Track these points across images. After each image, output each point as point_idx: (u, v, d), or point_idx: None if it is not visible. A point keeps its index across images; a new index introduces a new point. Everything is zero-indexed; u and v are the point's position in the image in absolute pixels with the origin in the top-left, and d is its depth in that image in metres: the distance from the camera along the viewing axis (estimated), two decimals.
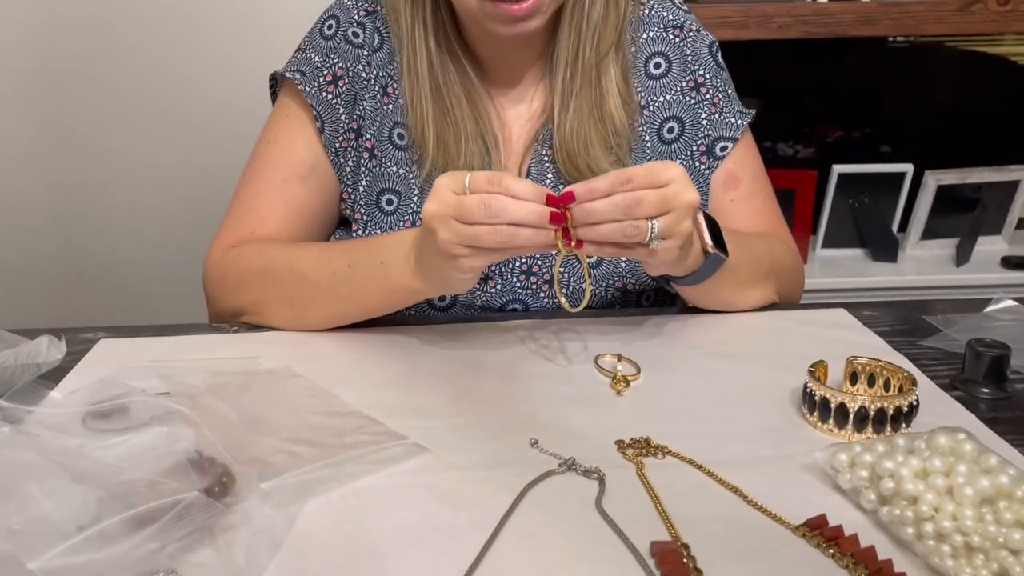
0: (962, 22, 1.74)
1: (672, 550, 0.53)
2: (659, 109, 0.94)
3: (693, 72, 0.95)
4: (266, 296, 0.86)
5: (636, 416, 0.70)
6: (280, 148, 0.93)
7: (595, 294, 0.93)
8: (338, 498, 0.59)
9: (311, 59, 0.92)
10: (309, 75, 0.92)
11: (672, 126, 0.94)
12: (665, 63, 0.94)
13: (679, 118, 0.94)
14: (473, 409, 0.72)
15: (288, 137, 0.93)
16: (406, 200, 0.91)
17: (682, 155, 0.94)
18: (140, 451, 0.61)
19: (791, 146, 2.55)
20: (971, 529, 0.51)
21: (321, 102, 0.91)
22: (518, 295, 0.92)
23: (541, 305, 0.92)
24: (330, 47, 0.92)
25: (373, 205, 0.92)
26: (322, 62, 0.92)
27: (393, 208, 0.92)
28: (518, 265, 0.91)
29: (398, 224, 0.91)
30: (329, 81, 0.91)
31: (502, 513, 0.57)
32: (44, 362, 0.75)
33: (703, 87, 0.95)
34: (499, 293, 0.92)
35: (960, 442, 0.57)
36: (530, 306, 0.92)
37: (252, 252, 0.89)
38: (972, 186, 1.87)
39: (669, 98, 0.94)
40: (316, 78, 0.91)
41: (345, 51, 0.92)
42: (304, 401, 0.71)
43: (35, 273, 1.75)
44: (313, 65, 0.92)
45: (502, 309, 0.92)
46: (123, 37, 1.61)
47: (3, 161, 1.66)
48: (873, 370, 0.72)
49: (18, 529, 0.49)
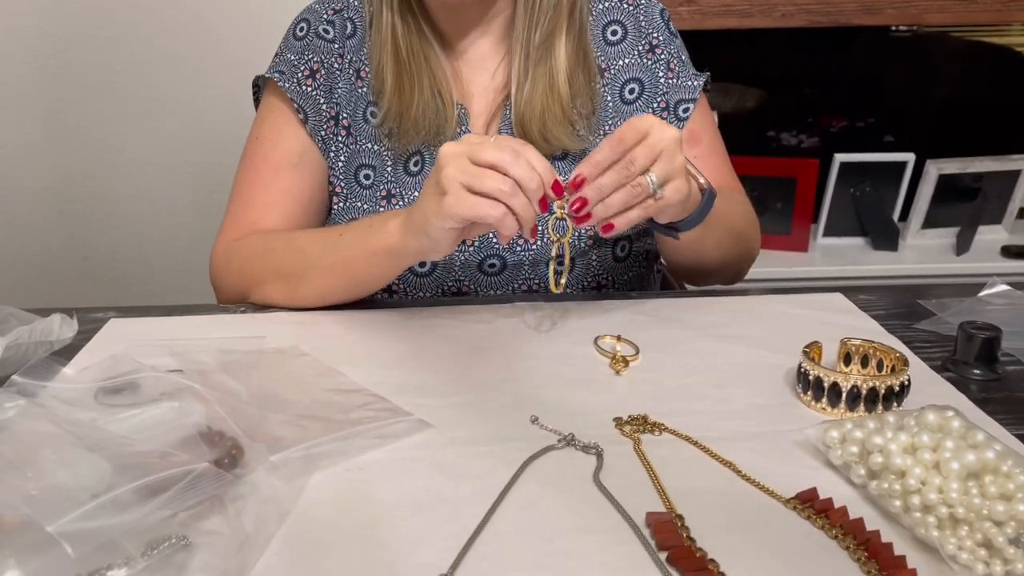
0: (965, 12, 1.75)
1: (667, 521, 0.54)
2: (619, 72, 1.00)
3: (647, 36, 1.01)
4: (265, 274, 0.90)
5: (634, 395, 0.72)
6: (268, 142, 0.98)
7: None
8: (344, 471, 0.61)
9: (288, 59, 0.98)
10: (288, 73, 0.97)
11: (633, 87, 1.00)
12: (621, 30, 1.01)
13: (639, 79, 1.00)
14: (475, 387, 0.73)
15: (274, 130, 0.98)
16: (380, 173, 0.97)
17: (643, 112, 0.98)
18: (151, 424, 0.63)
19: (794, 135, 2.56)
20: (956, 501, 0.52)
21: (302, 96, 0.97)
22: (495, 250, 0.96)
23: (518, 259, 0.97)
24: (303, 45, 0.98)
25: (352, 179, 0.98)
26: (297, 59, 0.98)
27: (370, 182, 0.97)
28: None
29: (375, 196, 0.96)
30: (307, 75, 0.97)
31: (503, 485, 0.59)
32: (56, 339, 0.77)
33: (658, 48, 1.01)
34: (477, 250, 0.96)
35: (948, 419, 0.58)
36: (508, 261, 0.97)
37: (256, 239, 0.94)
38: (973, 175, 1.88)
39: (628, 61, 1.00)
40: (294, 75, 0.97)
41: (318, 46, 0.98)
42: (311, 379, 0.73)
43: (42, 259, 1.77)
44: (290, 64, 0.98)
45: (480, 266, 0.96)
46: (129, 27, 1.62)
47: (10, 149, 1.68)
48: (866, 351, 0.74)
49: (35, 495, 0.51)
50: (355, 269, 0.85)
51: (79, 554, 0.47)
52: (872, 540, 0.52)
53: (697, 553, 0.52)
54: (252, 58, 1.66)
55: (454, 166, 0.71)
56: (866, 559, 0.51)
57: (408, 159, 0.97)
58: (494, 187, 0.69)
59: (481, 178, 0.70)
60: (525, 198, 0.70)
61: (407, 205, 0.95)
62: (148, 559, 0.49)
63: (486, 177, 0.70)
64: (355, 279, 0.86)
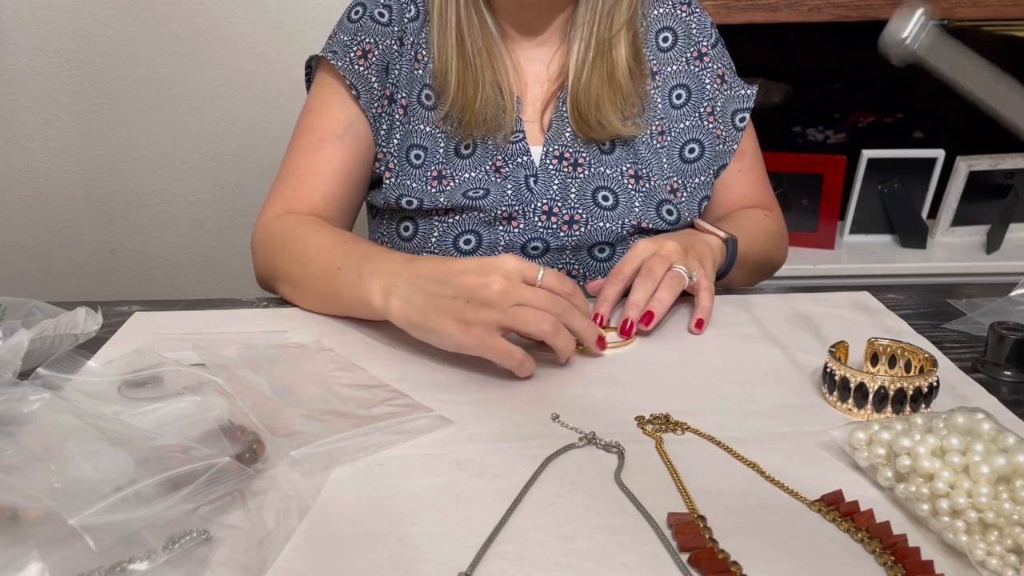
0: (998, 5, 1.72)
1: (689, 521, 0.54)
2: (668, 78, 1.04)
3: (697, 43, 1.05)
4: (278, 272, 0.92)
5: (656, 394, 0.71)
6: (316, 114, 1.02)
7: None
8: (364, 466, 0.61)
9: (340, 40, 1.02)
10: (340, 53, 1.01)
11: (680, 92, 1.04)
12: (672, 36, 1.05)
13: (686, 86, 1.05)
14: (496, 384, 0.73)
15: (323, 104, 1.02)
16: (432, 154, 1.00)
17: (690, 117, 1.04)
18: (174, 418, 0.63)
19: (821, 131, 2.53)
20: (986, 506, 0.51)
21: (354, 74, 1.00)
22: (539, 233, 0.98)
23: (560, 243, 0.98)
24: (356, 28, 1.01)
25: (403, 159, 1.00)
26: (350, 40, 1.01)
27: (420, 162, 1.00)
28: (539, 206, 0.98)
29: (426, 175, 0.99)
30: (359, 55, 1.00)
31: (523, 483, 0.58)
32: (81, 333, 0.77)
33: (706, 56, 1.05)
34: (521, 232, 0.98)
35: (978, 421, 0.57)
36: (550, 244, 0.98)
37: (287, 226, 0.95)
38: (1004, 172, 1.84)
39: (676, 68, 1.05)
40: (347, 54, 1.00)
41: (372, 29, 1.01)
42: (333, 374, 0.73)
43: (68, 252, 1.79)
44: (342, 44, 1.01)
45: (523, 248, 0.98)
46: (155, 22, 1.64)
47: (38, 143, 1.70)
48: (894, 351, 0.73)
49: (59, 488, 0.51)
50: (344, 307, 0.84)
51: (101, 547, 0.47)
52: (899, 544, 0.51)
53: (720, 554, 0.51)
54: (275, 54, 1.67)
55: (508, 282, 0.72)
56: (892, 563, 0.50)
57: (460, 142, 0.99)
58: (536, 327, 0.71)
59: (530, 305, 0.72)
60: (568, 336, 0.74)
61: (456, 187, 0.98)
62: (169, 553, 0.49)
63: (532, 308, 0.71)
64: (346, 312, 0.85)
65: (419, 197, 0.98)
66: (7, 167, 1.71)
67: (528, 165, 0.99)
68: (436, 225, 0.98)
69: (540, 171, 0.99)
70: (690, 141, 1.03)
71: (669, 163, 1.02)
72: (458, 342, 0.71)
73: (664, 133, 1.03)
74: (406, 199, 0.98)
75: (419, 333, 0.75)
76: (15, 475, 0.52)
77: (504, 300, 0.71)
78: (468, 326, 0.71)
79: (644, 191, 1.00)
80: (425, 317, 0.73)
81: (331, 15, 1.62)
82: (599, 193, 0.99)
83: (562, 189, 0.98)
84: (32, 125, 1.68)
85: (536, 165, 0.99)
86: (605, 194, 0.99)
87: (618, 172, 1.00)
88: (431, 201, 0.97)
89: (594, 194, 0.99)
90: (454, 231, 0.98)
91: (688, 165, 1.04)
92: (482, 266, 0.73)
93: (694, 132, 1.04)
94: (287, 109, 1.70)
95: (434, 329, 0.73)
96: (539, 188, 0.98)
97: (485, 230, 0.98)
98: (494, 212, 0.97)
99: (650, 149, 1.01)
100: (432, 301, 0.73)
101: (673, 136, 1.03)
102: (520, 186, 0.98)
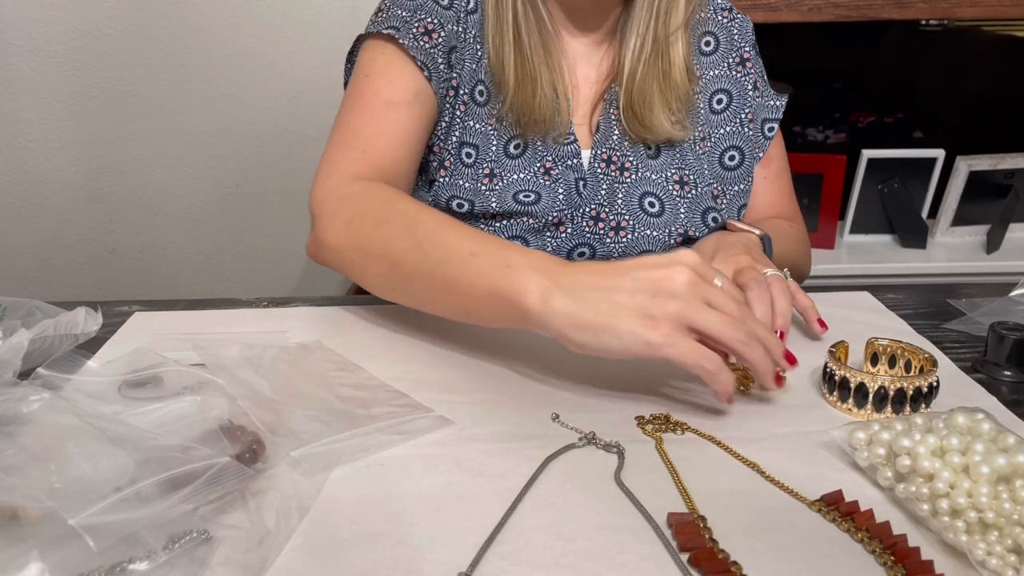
0: (997, 5, 1.72)
1: (689, 521, 0.54)
2: (709, 82, 1.03)
3: (739, 49, 1.04)
4: (372, 246, 0.78)
5: (656, 393, 0.71)
6: (381, 78, 0.92)
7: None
8: (364, 466, 0.61)
9: (398, 15, 0.93)
10: (402, 29, 0.92)
11: (720, 98, 1.04)
12: (714, 41, 1.04)
13: (727, 91, 1.04)
14: (496, 385, 0.73)
15: (388, 69, 0.92)
16: (484, 152, 0.96)
17: (731, 123, 1.04)
18: (174, 418, 0.63)
19: (821, 131, 2.53)
20: (986, 506, 0.51)
21: (421, 51, 0.92)
22: (587, 239, 0.97)
23: (607, 251, 0.97)
24: (416, 5, 0.93)
25: (456, 157, 0.97)
26: (410, 16, 0.92)
27: (472, 161, 0.96)
28: (588, 211, 0.97)
29: (478, 174, 0.96)
30: (422, 33, 0.92)
31: (523, 483, 0.58)
32: (81, 333, 0.77)
33: (748, 62, 1.05)
34: (569, 237, 0.97)
35: (978, 421, 0.57)
36: (597, 251, 0.98)
37: (378, 196, 0.82)
38: (1005, 172, 1.84)
39: (717, 73, 1.04)
40: (409, 31, 0.92)
41: (432, 8, 0.93)
42: (333, 374, 0.73)
43: (68, 252, 1.79)
44: (402, 20, 0.92)
45: (569, 254, 0.97)
46: (156, 23, 1.64)
47: (38, 143, 1.70)
48: (894, 351, 0.73)
49: (59, 488, 0.51)
50: (472, 303, 0.71)
51: (101, 547, 0.47)
52: (899, 544, 0.51)
53: (720, 554, 0.51)
54: (276, 56, 1.67)
55: (695, 276, 0.63)
56: (893, 563, 0.50)
57: (509, 141, 0.97)
58: (729, 333, 0.63)
59: (719, 304, 0.63)
60: (761, 351, 0.65)
61: (506, 187, 0.94)
62: (169, 553, 0.49)
63: (723, 316, 0.63)
64: (466, 310, 0.72)
65: (470, 199, 0.94)
66: (7, 167, 1.70)
67: (578, 168, 0.97)
68: (483, 229, 0.93)
69: (588, 175, 0.97)
70: (730, 148, 1.03)
71: (710, 170, 1.02)
72: (645, 339, 0.60)
73: (705, 139, 1.02)
74: (457, 201, 0.95)
75: (589, 336, 0.63)
76: (15, 475, 0.52)
77: (693, 292, 0.62)
78: (655, 322, 0.61)
79: (689, 198, 0.99)
80: (600, 315, 0.62)
81: (332, 15, 1.62)
82: (645, 199, 0.98)
83: (609, 194, 0.97)
84: (32, 125, 1.68)
85: (585, 168, 0.98)
86: (651, 200, 0.98)
87: (663, 177, 0.99)
88: (482, 204, 0.94)
89: (640, 200, 0.98)
90: (500, 236, 0.95)
91: (728, 172, 1.03)
92: (659, 260, 0.64)
93: (734, 139, 1.03)
94: (287, 109, 1.70)
95: (612, 328, 0.61)
96: (588, 192, 0.97)
97: (533, 236, 0.96)
98: (545, 218, 0.95)
99: (694, 155, 1.01)
100: (609, 297, 0.62)
101: (713, 142, 1.02)
102: (571, 190, 0.96)
